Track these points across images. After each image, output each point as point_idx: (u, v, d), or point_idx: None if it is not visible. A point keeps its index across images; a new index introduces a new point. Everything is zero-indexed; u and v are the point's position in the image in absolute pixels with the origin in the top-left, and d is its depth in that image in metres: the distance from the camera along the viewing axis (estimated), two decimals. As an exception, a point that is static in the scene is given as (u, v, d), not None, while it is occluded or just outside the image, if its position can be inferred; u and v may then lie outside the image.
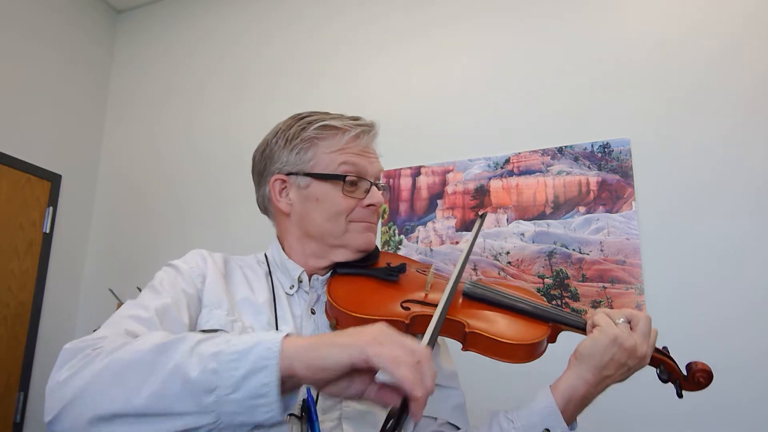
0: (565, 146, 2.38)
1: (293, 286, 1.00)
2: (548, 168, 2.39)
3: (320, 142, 1.00)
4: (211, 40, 3.38)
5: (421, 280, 1.03)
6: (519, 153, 2.46)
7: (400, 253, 2.54)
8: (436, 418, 0.98)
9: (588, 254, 2.24)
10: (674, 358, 0.93)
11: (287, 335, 0.65)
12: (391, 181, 2.67)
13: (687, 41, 2.29)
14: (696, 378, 0.91)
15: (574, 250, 2.27)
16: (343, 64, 2.95)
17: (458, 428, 1.00)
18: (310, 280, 1.02)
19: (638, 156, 2.26)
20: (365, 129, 1.01)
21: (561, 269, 2.27)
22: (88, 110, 3.47)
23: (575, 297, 2.21)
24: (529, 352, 0.89)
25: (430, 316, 0.89)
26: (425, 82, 2.74)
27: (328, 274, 1.02)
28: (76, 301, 3.30)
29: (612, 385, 0.87)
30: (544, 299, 1.03)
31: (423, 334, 0.97)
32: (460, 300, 0.98)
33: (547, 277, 2.28)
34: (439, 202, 2.56)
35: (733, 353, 1.96)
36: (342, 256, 1.01)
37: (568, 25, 2.51)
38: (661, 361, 0.92)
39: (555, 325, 0.94)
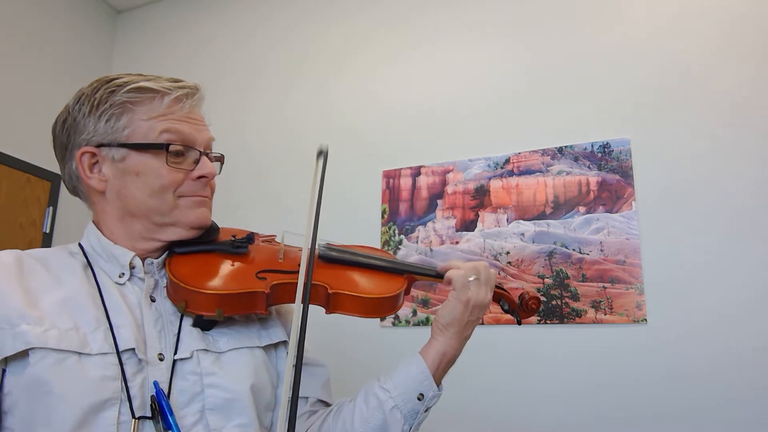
0: (565, 146, 2.38)
1: (123, 273, 0.87)
2: (548, 168, 2.39)
3: (135, 107, 0.87)
4: (213, 40, 3.38)
5: (273, 250, 0.99)
6: (519, 153, 2.46)
7: (399, 253, 2.54)
8: (307, 398, 0.97)
9: (588, 254, 2.24)
10: (509, 291, 1.07)
11: None
12: (391, 181, 2.67)
13: (687, 41, 2.29)
14: (528, 305, 1.04)
15: (574, 250, 2.27)
16: (346, 66, 2.95)
17: (329, 404, 1.00)
18: (144, 265, 0.89)
19: (638, 156, 2.26)
20: (188, 92, 0.91)
21: (561, 269, 2.27)
22: (88, 110, 3.47)
23: (575, 297, 2.22)
24: (391, 305, 0.94)
25: (290, 283, 0.89)
26: (426, 82, 2.74)
27: (165, 255, 0.91)
28: (76, 301, 3.30)
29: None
30: (395, 256, 1.06)
31: (286, 303, 0.94)
32: (316, 263, 0.95)
33: (547, 277, 2.28)
34: (439, 202, 2.56)
35: (733, 351, 1.96)
36: (174, 234, 0.89)
37: (568, 25, 2.51)
38: (501, 296, 1.04)
39: (410, 276, 1.00)
